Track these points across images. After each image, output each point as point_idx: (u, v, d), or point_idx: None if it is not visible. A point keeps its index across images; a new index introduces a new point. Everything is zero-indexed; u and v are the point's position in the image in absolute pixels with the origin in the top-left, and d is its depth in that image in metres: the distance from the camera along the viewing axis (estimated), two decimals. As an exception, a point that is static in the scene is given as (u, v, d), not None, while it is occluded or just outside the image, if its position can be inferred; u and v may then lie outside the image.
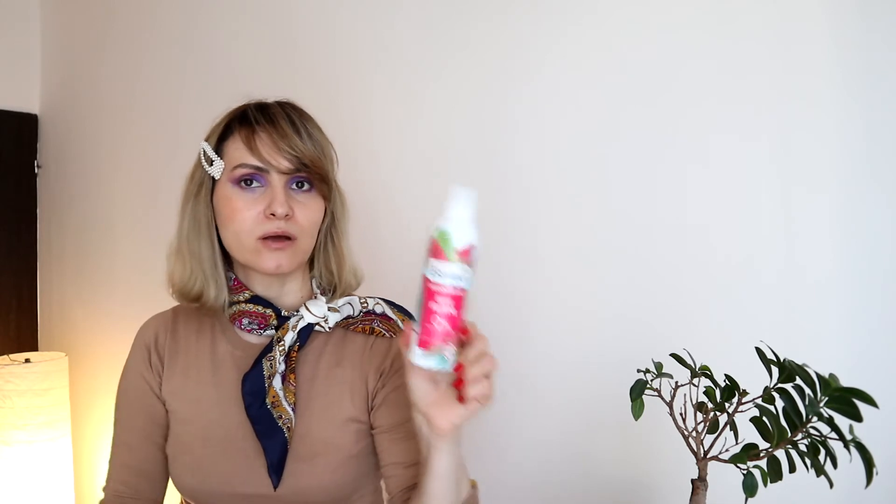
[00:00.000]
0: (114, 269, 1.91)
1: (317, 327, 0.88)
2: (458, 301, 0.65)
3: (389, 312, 0.92)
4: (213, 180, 0.85)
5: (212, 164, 0.84)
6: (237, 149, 0.83)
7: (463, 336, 0.66)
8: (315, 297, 0.89)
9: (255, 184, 0.82)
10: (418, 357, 0.67)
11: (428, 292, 0.65)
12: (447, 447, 0.72)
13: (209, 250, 0.86)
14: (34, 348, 2.13)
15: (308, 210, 0.84)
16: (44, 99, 2.14)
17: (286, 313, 0.87)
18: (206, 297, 0.86)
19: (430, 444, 0.72)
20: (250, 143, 0.81)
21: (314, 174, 0.83)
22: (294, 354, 0.86)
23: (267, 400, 0.83)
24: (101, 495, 0.92)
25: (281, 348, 0.85)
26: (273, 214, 0.80)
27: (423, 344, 0.66)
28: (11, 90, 2.08)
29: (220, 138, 0.85)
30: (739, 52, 0.99)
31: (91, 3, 1.96)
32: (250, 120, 0.83)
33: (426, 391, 0.70)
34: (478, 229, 0.66)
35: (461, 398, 0.68)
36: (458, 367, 0.67)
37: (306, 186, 0.84)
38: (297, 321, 0.86)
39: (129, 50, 1.84)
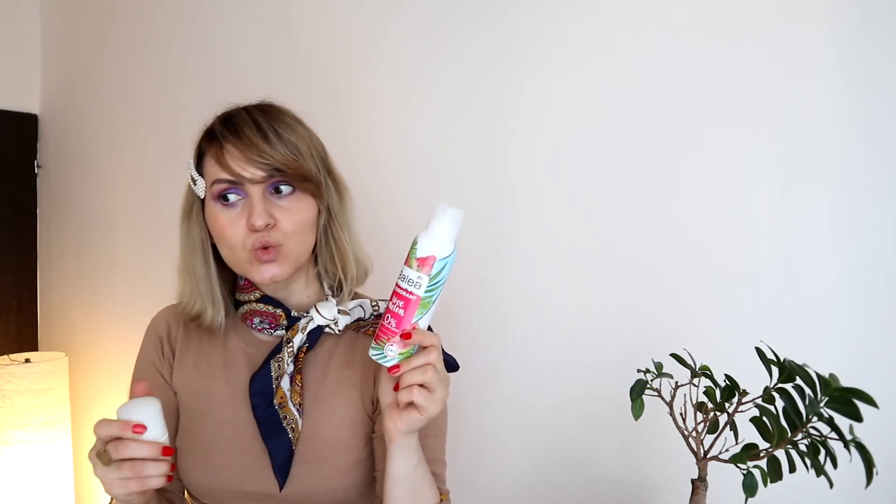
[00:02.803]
0: (114, 269, 1.91)
1: (326, 329, 0.88)
2: (408, 304, 0.69)
3: None
4: (203, 200, 0.85)
5: (195, 184, 0.85)
6: (211, 166, 0.83)
7: (405, 338, 0.69)
8: (326, 299, 0.89)
9: (235, 197, 0.81)
10: (370, 347, 0.71)
11: (392, 292, 0.71)
12: (398, 451, 0.74)
13: (204, 269, 0.87)
14: (34, 348, 2.13)
15: (293, 213, 0.82)
16: (44, 99, 2.14)
17: (296, 314, 0.87)
18: (204, 317, 0.87)
19: (387, 445, 0.74)
20: (220, 159, 0.81)
21: (292, 176, 0.81)
22: (302, 356, 0.86)
23: (275, 401, 0.83)
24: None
25: (289, 349, 0.85)
26: (253, 227, 0.79)
27: (375, 336, 0.71)
28: (11, 90, 2.08)
29: (198, 157, 0.86)
30: (739, 52, 0.99)
31: (91, 3, 1.96)
32: (217, 135, 0.82)
33: (387, 391, 0.72)
34: (452, 246, 0.69)
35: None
36: (396, 368, 0.70)
37: (289, 189, 0.82)
38: (307, 323, 0.86)
39: (129, 50, 1.84)
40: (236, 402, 0.86)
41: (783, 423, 0.71)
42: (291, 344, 0.85)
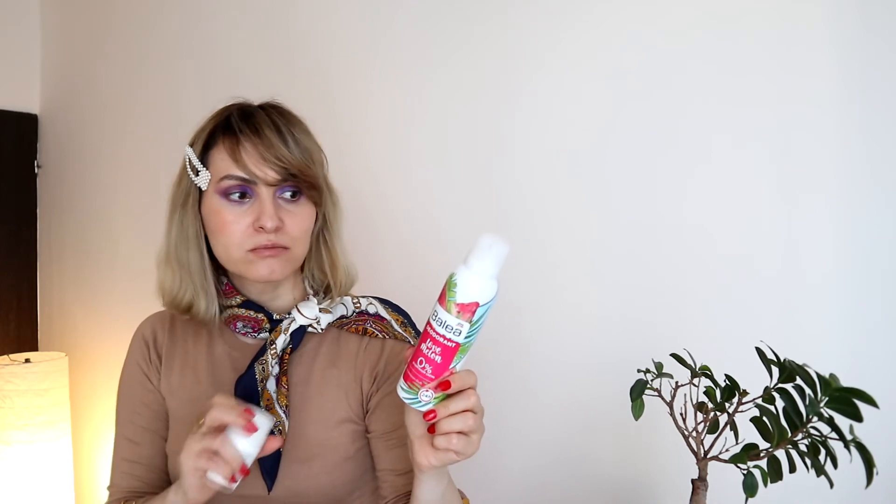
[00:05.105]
0: (114, 269, 1.91)
1: (309, 329, 0.87)
2: (446, 351, 0.63)
3: (383, 312, 0.91)
4: (200, 190, 0.83)
5: (198, 175, 0.82)
6: (222, 160, 0.80)
7: (443, 388, 0.64)
8: (307, 299, 0.88)
9: (242, 195, 0.80)
10: (399, 387, 0.67)
11: (424, 331, 0.64)
12: (427, 480, 0.72)
13: (198, 261, 0.85)
14: (34, 348, 2.13)
15: (298, 219, 0.82)
16: (44, 99, 2.14)
17: (278, 317, 0.86)
18: (197, 308, 0.85)
19: (415, 472, 0.73)
20: (235, 155, 0.79)
21: (303, 182, 0.81)
22: (287, 357, 0.85)
23: (261, 403, 0.83)
24: (106, 495, 0.90)
25: (273, 351, 0.84)
26: (262, 228, 0.78)
27: (406, 377, 0.66)
28: (11, 90, 2.08)
29: (205, 147, 0.82)
30: (740, 52, 0.99)
31: (91, 3, 1.96)
32: (234, 129, 0.80)
33: (417, 422, 0.69)
34: (495, 286, 0.62)
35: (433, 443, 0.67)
36: (433, 414, 0.65)
37: (296, 194, 0.82)
38: (289, 324, 0.85)
39: (129, 50, 1.84)
40: None
41: (783, 423, 0.71)
42: (275, 346, 0.84)
